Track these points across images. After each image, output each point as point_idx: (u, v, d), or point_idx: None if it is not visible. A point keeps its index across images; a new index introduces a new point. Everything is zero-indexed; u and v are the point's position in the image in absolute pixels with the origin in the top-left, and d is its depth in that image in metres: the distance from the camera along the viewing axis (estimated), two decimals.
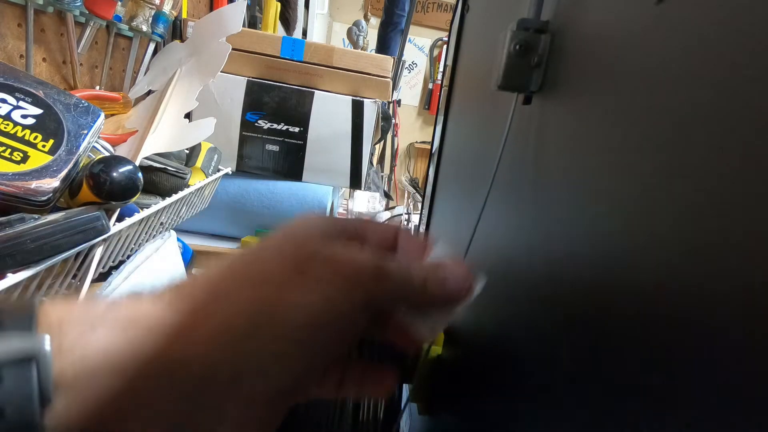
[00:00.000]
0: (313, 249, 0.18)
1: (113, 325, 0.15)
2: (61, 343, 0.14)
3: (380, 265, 0.18)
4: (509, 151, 0.25)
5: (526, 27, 0.21)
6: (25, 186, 0.38)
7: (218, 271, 0.18)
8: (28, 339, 0.13)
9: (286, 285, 0.17)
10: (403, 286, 0.19)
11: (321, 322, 0.17)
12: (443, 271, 0.19)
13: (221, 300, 0.17)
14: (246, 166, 0.90)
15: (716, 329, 0.10)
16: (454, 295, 0.20)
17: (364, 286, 0.17)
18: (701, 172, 0.11)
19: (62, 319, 0.14)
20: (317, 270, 0.17)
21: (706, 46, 0.11)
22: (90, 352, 0.14)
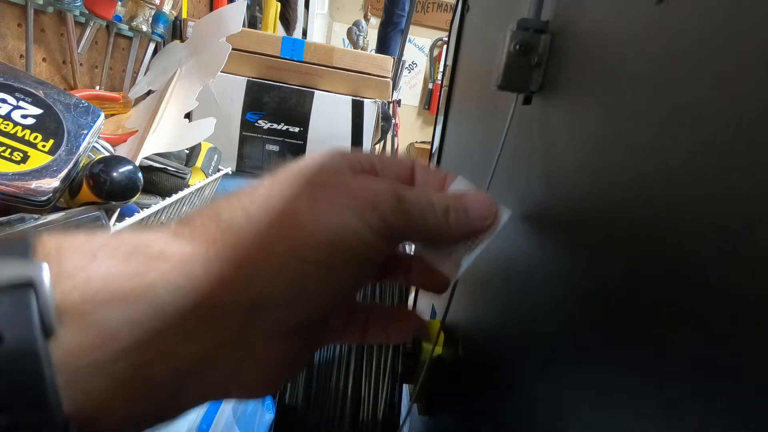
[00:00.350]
0: (327, 179, 0.17)
1: (116, 253, 0.14)
2: (61, 269, 0.12)
3: (397, 191, 0.17)
4: (509, 150, 0.25)
5: (526, 27, 0.21)
6: (25, 186, 0.38)
7: (227, 204, 0.16)
8: (24, 265, 0.12)
9: (300, 211, 0.16)
10: (423, 213, 0.17)
11: (338, 245, 0.16)
12: (466, 200, 0.18)
13: (232, 226, 0.15)
14: (246, 166, 0.90)
15: (717, 330, 0.10)
16: (479, 225, 0.18)
17: (380, 211, 0.16)
18: (702, 171, 0.11)
19: (60, 247, 0.13)
20: (332, 197, 0.16)
21: (706, 46, 0.11)
22: (93, 278, 0.13)
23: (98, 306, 0.12)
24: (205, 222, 0.15)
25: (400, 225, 0.17)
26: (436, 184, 0.20)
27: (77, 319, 0.12)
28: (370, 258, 0.17)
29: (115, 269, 0.13)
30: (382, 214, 0.16)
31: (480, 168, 0.33)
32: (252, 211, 0.16)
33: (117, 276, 0.13)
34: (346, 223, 0.16)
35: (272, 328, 0.16)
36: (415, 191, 0.18)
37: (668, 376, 0.11)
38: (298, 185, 0.17)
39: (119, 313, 0.13)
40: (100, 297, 0.12)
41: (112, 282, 0.13)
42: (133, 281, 0.13)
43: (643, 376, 0.12)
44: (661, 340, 0.11)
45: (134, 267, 0.13)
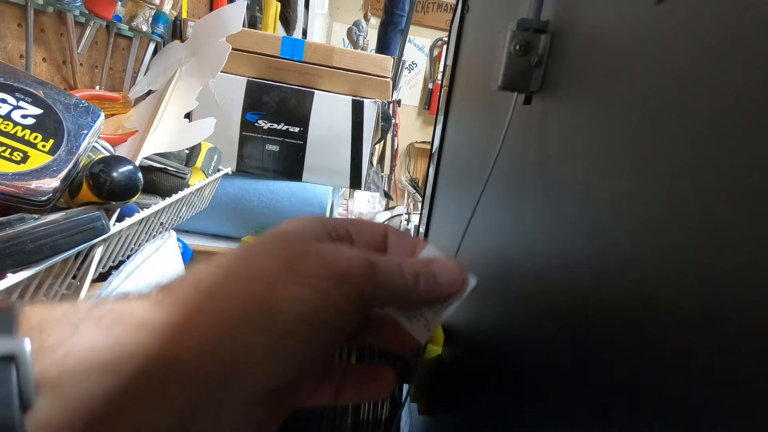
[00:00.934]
0: (303, 247, 0.18)
1: (97, 324, 0.14)
2: (43, 343, 0.13)
3: (371, 259, 0.18)
4: (509, 150, 0.25)
5: (526, 27, 0.21)
6: (25, 186, 0.38)
7: (207, 270, 0.17)
8: (5, 340, 0.12)
9: (277, 281, 0.17)
10: (394, 280, 0.18)
11: (313, 315, 0.16)
12: (435, 267, 0.19)
13: (211, 296, 0.16)
14: (246, 166, 0.90)
15: (716, 331, 0.10)
16: (447, 290, 0.19)
17: (354, 280, 0.17)
18: (702, 171, 0.11)
19: (43, 319, 0.14)
20: (307, 266, 0.17)
21: (706, 46, 0.11)
22: (73, 350, 0.13)
23: (76, 378, 0.13)
24: (185, 292, 0.16)
25: (374, 293, 0.18)
26: (407, 250, 0.21)
27: (55, 393, 0.13)
28: (343, 326, 0.18)
29: (96, 342, 0.14)
30: (357, 284, 0.17)
31: (480, 168, 0.33)
32: (231, 282, 0.17)
33: (98, 348, 0.14)
34: (321, 294, 0.17)
35: (245, 394, 0.16)
36: (387, 259, 0.19)
37: (668, 375, 0.11)
38: (276, 255, 0.18)
39: (98, 385, 0.13)
40: (79, 370, 0.13)
41: (92, 355, 0.13)
42: (113, 352, 0.14)
43: (643, 378, 0.12)
44: (661, 340, 0.11)
45: (115, 338, 0.14)
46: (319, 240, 0.19)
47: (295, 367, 0.17)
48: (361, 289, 0.17)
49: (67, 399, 0.13)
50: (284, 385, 0.17)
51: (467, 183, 0.37)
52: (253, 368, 0.16)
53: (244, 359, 0.16)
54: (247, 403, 0.16)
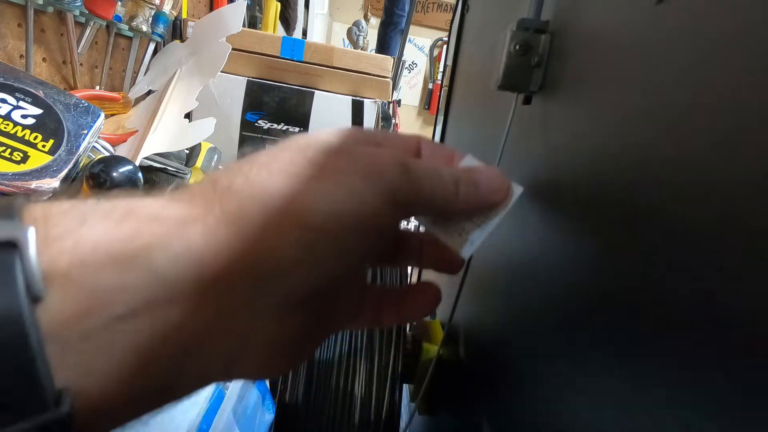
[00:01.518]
0: (331, 145, 0.16)
1: (107, 216, 0.12)
2: (48, 233, 0.11)
3: (405, 160, 0.16)
4: (509, 150, 0.25)
5: (526, 27, 0.21)
6: (25, 186, 0.38)
7: (225, 169, 0.15)
8: (7, 226, 0.11)
9: (305, 177, 0.15)
10: (432, 183, 0.17)
11: (346, 212, 0.15)
12: (476, 174, 0.18)
13: (231, 191, 0.14)
14: None
15: (718, 330, 0.10)
16: (489, 198, 0.18)
17: (387, 177, 0.15)
18: (702, 171, 0.11)
19: (48, 212, 0.12)
20: (336, 162, 0.15)
21: (706, 46, 0.11)
22: (83, 240, 0.12)
23: (89, 270, 0.11)
24: (202, 188, 0.14)
25: (409, 194, 0.16)
26: (444, 160, 0.20)
27: (66, 285, 0.11)
28: (378, 227, 0.16)
29: (107, 233, 0.12)
30: (389, 181, 0.15)
31: None
32: (252, 176, 0.15)
33: (109, 239, 0.12)
34: (352, 190, 0.15)
35: (279, 299, 0.14)
36: (423, 162, 0.17)
37: (669, 375, 0.11)
38: (301, 153, 0.16)
39: (112, 278, 0.12)
40: (90, 261, 0.11)
41: (103, 245, 0.12)
42: (125, 244, 0.12)
43: (645, 377, 0.12)
44: (662, 340, 0.11)
45: (127, 230, 0.12)
46: (348, 143, 0.17)
47: (328, 267, 0.15)
48: (394, 189, 0.16)
49: (82, 292, 0.11)
50: (318, 290, 0.15)
51: None
52: (282, 268, 0.14)
53: (271, 258, 0.14)
54: (280, 309, 0.15)
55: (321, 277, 0.15)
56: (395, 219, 0.16)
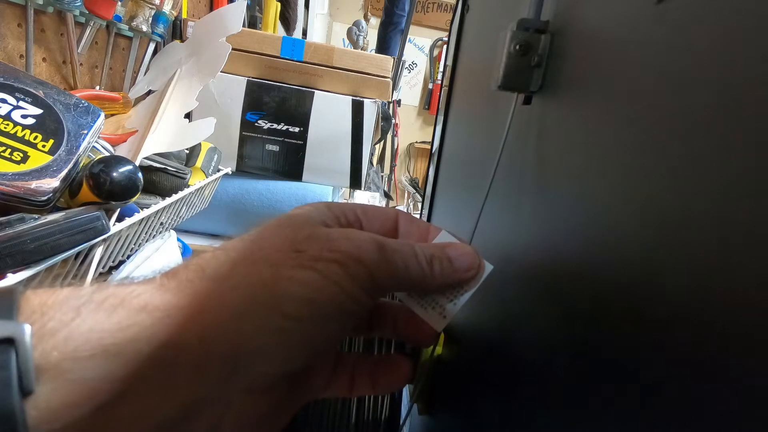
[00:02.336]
0: (310, 230, 0.17)
1: (99, 307, 0.13)
2: (44, 326, 0.12)
3: (381, 241, 0.17)
4: (509, 150, 0.25)
5: (526, 27, 0.21)
6: (25, 186, 0.38)
7: (212, 255, 0.17)
8: (5, 324, 0.12)
9: (283, 264, 0.16)
10: (407, 263, 0.17)
11: (320, 299, 0.16)
12: (450, 251, 0.19)
13: (216, 280, 0.15)
14: (246, 166, 0.90)
15: (718, 329, 0.10)
16: (463, 275, 0.19)
17: (364, 262, 0.16)
18: (702, 171, 0.11)
19: (44, 303, 0.13)
20: (315, 249, 0.16)
21: (706, 46, 0.11)
22: (74, 334, 0.13)
23: (79, 362, 0.12)
24: (189, 276, 0.16)
25: (385, 276, 0.17)
26: (419, 235, 0.20)
27: (56, 377, 0.12)
28: (354, 311, 0.17)
29: (98, 324, 0.13)
30: (366, 267, 0.16)
31: (480, 168, 0.33)
32: (236, 265, 0.16)
33: (99, 331, 0.13)
34: (330, 277, 0.16)
35: (254, 381, 0.15)
36: (398, 242, 0.18)
37: (668, 376, 0.11)
38: (283, 238, 0.17)
39: (100, 369, 0.13)
40: (80, 353, 0.12)
41: (94, 337, 0.13)
42: (115, 336, 0.13)
43: (643, 378, 0.12)
44: (661, 341, 0.11)
45: (117, 321, 0.13)
46: (328, 225, 0.18)
47: (303, 353, 0.16)
48: (371, 272, 0.16)
49: (69, 384, 0.12)
50: (293, 372, 0.16)
51: (467, 183, 0.37)
52: (260, 353, 0.15)
53: (250, 344, 0.15)
54: (256, 390, 0.16)
55: (296, 361, 0.16)
56: (372, 301, 0.17)
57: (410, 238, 0.20)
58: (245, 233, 0.17)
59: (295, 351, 0.16)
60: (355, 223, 0.20)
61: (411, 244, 0.18)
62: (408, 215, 0.21)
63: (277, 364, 0.16)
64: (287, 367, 0.16)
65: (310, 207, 0.19)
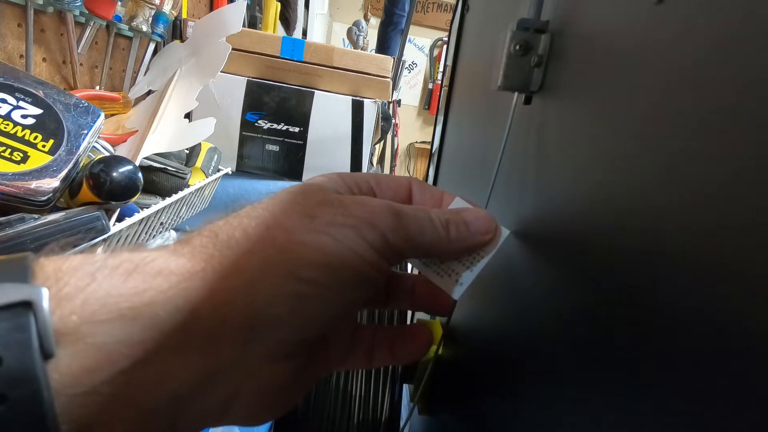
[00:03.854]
0: (324, 197, 0.17)
1: (114, 272, 0.13)
2: (60, 291, 0.12)
3: (395, 207, 0.17)
4: (509, 150, 0.25)
5: (526, 27, 0.21)
6: (25, 186, 0.38)
7: (225, 221, 0.16)
8: (22, 289, 0.12)
9: (298, 230, 0.16)
10: (422, 228, 0.17)
11: (335, 262, 0.15)
12: (466, 215, 0.18)
13: (230, 246, 0.15)
14: (246, 166, 0.90)
15: (720, 328, 0.10)
16: (480, 238, 0.18)
17: (378, 227, 0.16)
18: (702, 171, 0.11)
19: (59, 270, 0.13)
20: (328, 214, 0.16)
21: (706, 46, 0.11)
22: (91, 298, 0.13)
23: (96, 327, 0.12)
24: (203, 242, 0.15)
25: (400, 241, 0.17)
26: (433, 202, 0.20)
27: (76, 342, 0.12)
28: (370, 277, 0.16)
29: (114, 289, 0.13)
30: (381, 231, 0.16)
31: (480, 168, 0.33)
32: (249, 230, 0.16)
33: (116, 296, 0.13)
34: (344, 241, 0.16)
35: (271, 348, 0.15)
36: (413, 207, 0.18)
37: (669, 377, 0.11)
38: (295, 204, 0.17)
39: (118, 333, 0.13)
40: (98, 318, 0.12)
41: (111, 302, 0.13)
42: (132, 300, 0.13)
43: (644, 378, 0.12)
44: (661, 341, 0.11)
45: (133, 286, 0.13)
46: (340, 193, 0.18)
47: (320, 319, 0.16)
48: (385, 237, 0.16)
49: (89, 348, 0.12)
50: (311, 339, 0.16)
51: (467, 183, 0.37)
52: (277, 319, 0.15)
53: (266, 309, 0.15)
54: (273, 357, 0.15)
55: (312, 328, 0.16)
56: (387, 267, 0.17)
57: (424, 205, 0.20)
58: (257, 202, 0.17)
59: (313, 317, 0.16)
60: (369, 192, 0.19)
61: (426, 209, 0.18)
62: (421, 183, 0.21)
63: (294, 330, 0.15)
64: (305, 333, 0.16)
65: (323, 177, 0.19)
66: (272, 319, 0.15)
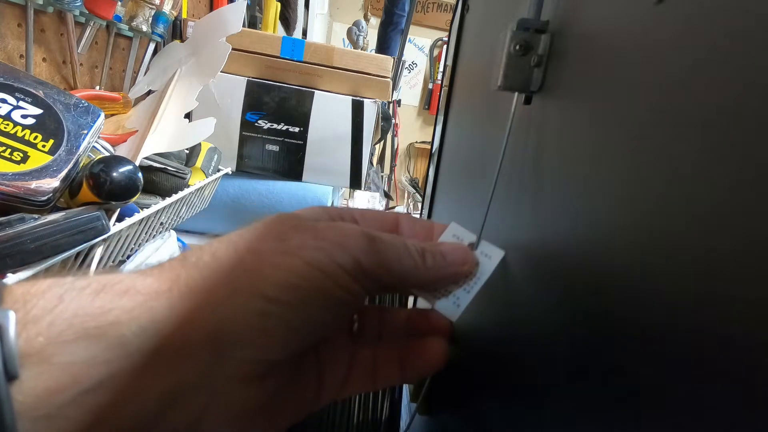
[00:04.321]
0: (297, 222, 0.17)
1: (81, 293, 0.13)
2: (27, 314, 0.12)
3: (369, 232, 0.17)
4: (509, 150, 0.25)
5: (526, 27, 0.21)
6: (25, 186, 0.38)
7: (197, 247, 0.17)
8: None
9: (267, 251, 0.16)
10: (398, 255, 0.17)
11: (303, 284, 0.15)
12: (442, 247, 0.19)
13: (198, 268, 0.15)
14: (246, 166, 0.90)
15: (721, 327, 0.10)
16: (456, 269, 0.19)
17: (350, 250, 0.16)
18: (703, 172, 0.11)
19: (27, 293, 0.13)
20: (299, 238, 0.16)
21: (706, 46, 0.11)
22: (58, 319, 0.13)
23: (62, 347, 0.12)
24: (172, 264, 0.16)
25: (374, 266, 0.17)
26: (423, 234, 0.21)
27: (41, 363, 0.12)
28: (340, 299, 0.16)
29: (81, 309, 0.13)
30: (352, 254, 0.16)
31: (480, 168, 0.33)
32: (218, 253, 0.16)
33: (82, 315, 0.13)
34: (313, 263, 0.16)
35: (237, 368, 0.15)
36: (389, 235, 0.18)
37: (670, 377, 0.11)
38: (268, 229, 0.17)
39: (82, 353, 0.13)
40: (63, 338, 0.12)
41: (77, 322, 0.13)
42: (98, 319, 0.13)
43: (644, 379, 0.12)
44: (662, 344, 0.11)
45: (99, 306, 0.13)
46: (315, 219, 0.18)
47: (286, 338, 0.16)
48: (358, 260, 0.16)
49: (54, 368, 0.12)
50: (280, 360, 0.16)
51: (467, 183, 0.37)
52: (241, 338, 0.15)
53: (230, 328, 0.15)
54: (241, 378, 0.15)
55: (281, 348, 0.16)
56: (362, 290, 0.17)
57: (415, 238, 0.20)
58: (231, 233, 0.17)
59: (279, 336, 0.15)
60: (352, 222, 0.20)
61: (401, 237, 0.18)
62: (410, 217, 0.21)
63: (259, 350, 0.15)
64: (272, 353, 0.16)
65: (304, 209, 0.19)
66: (236, 338, 0.15)
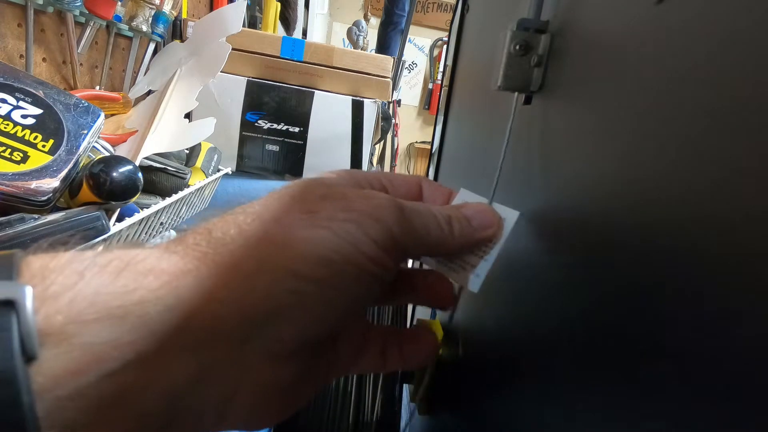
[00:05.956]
0: (325, 191, 0.16)
1: (103, 270, 0.13)
2: (46, 290, 0.12)
3: (399, 202, 0.16)
4: (510, 150, 0.25)
5: (526, 27, 0.21)
6: (25, 186, 0.38)
7: (220, 219, 0.16)
8: (5, 286, 0.11)
9: (295, 224, 0.15)
10: (426, 225, 0.17)
11: (338, 259, 0.14)
12: (466, 210, 0.18)
13: (224, 243, 0.14)
14: (246, 166, 0.90)
15: (721, 327, 0.10)
16: (482, 234, 0.18)
17: (381, 221, 0.15)
18: (703, 172, 0.11)
19: (46, 267, 0.12)
20: (329, 208, 0.15)
21: (706, 46, 0.11)
22: (79, 297, 0.12)
23: (84, 326, 0.12)
24: (196, 239, 0.15)
25: (405, 238, 0.16)
26: (443, 200, 0.20)
27: (61, 342, 0.11)
28: (374, 273, 0.15)
29: (103, 287, 0.12)
30: (386, 226, 0.15)
31: (481, 168, 0.33)
32: (244, 227, 0.15)
33: (104, 294, 0.12)
34: (345, 237, 0.15)
35: (271, 348, 0.14)
36: (417, 203, 0.17)
37: (671, 377, 0.11)
38: (295, 199, 0.16)
39: (106, 333, 0.12)
40: (86, 317, 0.12)
41: (99, 301, 0.12)
42: (122, 299, 0.12)
43: (645, 377, 0.12)
44: (662, 341, 0.11)
45: (123, 284, 0.13)
46: (343, 186, 0.17)
47: (322, 317, 0.15)
48: (389, 232, 0.15)
49: (75, 349, 0.11)
50: (314, 338, 0.15)
51: (467, 183, 0.37)
52: (276, 318, 0.14)
53: (262, 306, 0.14)
54: (273, 357, 0.15)
55: (313, 326, 0.15)
56: (393, 263, 0.16)
57: (433, 202, 0.20)
58: (256, 200, 0.16)
59: (314, 316, 0.15)
60: (381, 190, 0.19)
61: (428, 205, 0.18)
62: (431, 181, 0.20)
63: (294, 328, 0.14)
64: (307, 333, 0.15)
65: (330, 172, 0.18)
66: (268, 316, 0.14)
